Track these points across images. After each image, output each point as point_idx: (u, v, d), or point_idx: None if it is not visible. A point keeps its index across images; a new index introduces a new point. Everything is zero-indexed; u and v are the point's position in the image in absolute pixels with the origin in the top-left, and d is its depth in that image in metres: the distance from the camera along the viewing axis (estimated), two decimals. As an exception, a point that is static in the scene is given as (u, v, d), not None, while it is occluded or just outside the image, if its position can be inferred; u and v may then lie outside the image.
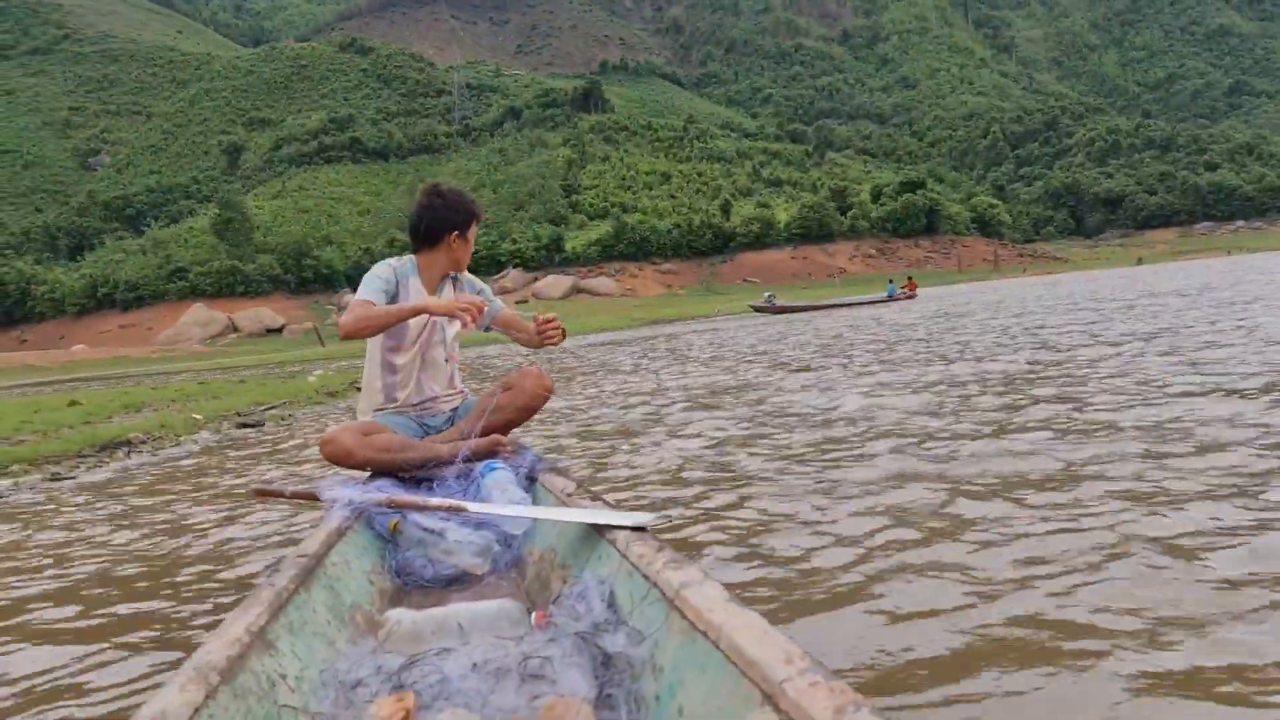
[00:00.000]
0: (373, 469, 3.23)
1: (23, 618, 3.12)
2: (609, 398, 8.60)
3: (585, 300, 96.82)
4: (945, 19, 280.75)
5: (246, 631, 1.53)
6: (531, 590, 2.40)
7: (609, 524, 2.08)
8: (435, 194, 3.59)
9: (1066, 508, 3.18)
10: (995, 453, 4.16)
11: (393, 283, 3.45)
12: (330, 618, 1.97)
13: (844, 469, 4.17)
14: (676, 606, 1.50)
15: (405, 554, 2.57)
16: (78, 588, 3.50)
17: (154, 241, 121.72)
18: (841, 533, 3.17)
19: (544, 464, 3.13)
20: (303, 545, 2.21)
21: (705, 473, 4.44)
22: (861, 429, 5.16)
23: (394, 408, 3.55)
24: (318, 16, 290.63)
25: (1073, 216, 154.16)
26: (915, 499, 3.51)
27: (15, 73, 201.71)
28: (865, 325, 18.56)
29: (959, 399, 6.00)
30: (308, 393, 13.20)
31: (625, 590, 1.81)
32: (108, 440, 8.12)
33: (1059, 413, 5.05)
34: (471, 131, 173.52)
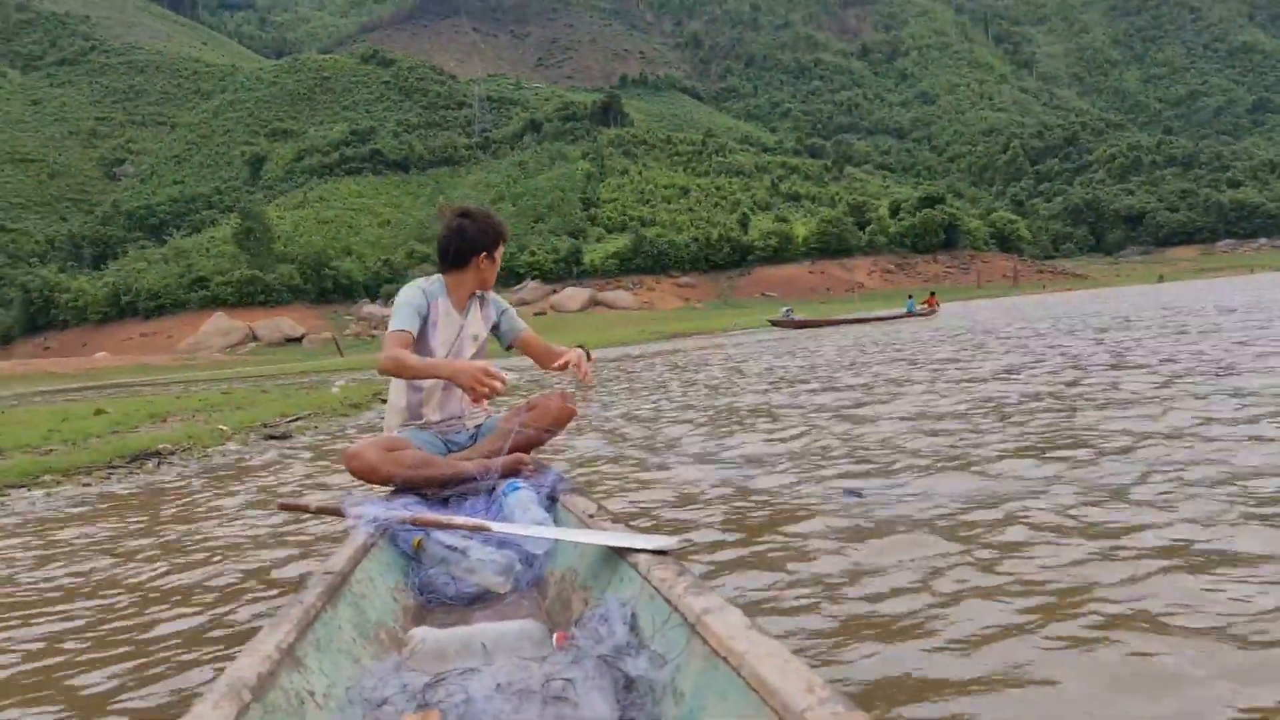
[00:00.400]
0: (396, 485, 3.26)
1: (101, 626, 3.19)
2: (634, 412, 8.64)
3: (603, 313, 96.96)
4: (965, 34, 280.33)
5: (277, 649, 1.55)
6: (553, 610, 2.40)
7: (630, 547, 2.09)
8: (463, 216, 3.64)
9: (1116, 537, 3.13)
10: (1049, 477, 4.14)
11: (424, 306, 3.52)
12: (356, 635, 1.99)
13: (876, 492, 4.19)
14: (698, 632, 1.51)
15: (428, 571, 2.57)
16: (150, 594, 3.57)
17: (176, 251, 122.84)
18: (868, 561, 3.14)
19: (566, 484, 3.15)
20: (329, 562, 2.22)
21: (728, 495, 4.47)
22: (895, 452, 5.17)
23: (418, 424, 3.60)
24: (341, 29, 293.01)
25: (1093, 233, 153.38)
26: (949, 525, 3.52)
27: (43, 83, 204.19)
28: (890, 341, 18.54)
29: (1005, 421, 6.01)
30: (332, 404, 13.31)
31: (647, 614, 1.81)
32: (137, 451, 8.24)
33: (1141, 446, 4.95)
34: (491, 144, 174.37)
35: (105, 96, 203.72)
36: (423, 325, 3.52)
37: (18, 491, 6.78)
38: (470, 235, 3.58)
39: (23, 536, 5.10)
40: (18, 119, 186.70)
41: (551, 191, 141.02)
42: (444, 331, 3.57)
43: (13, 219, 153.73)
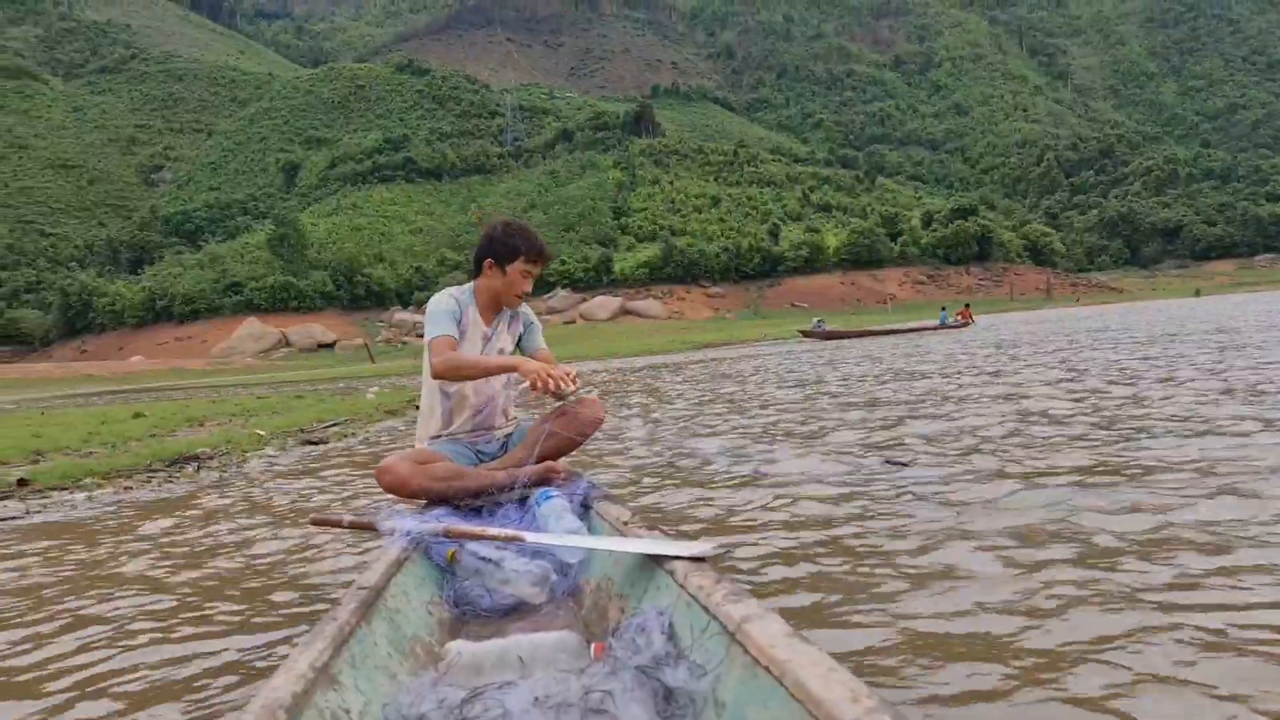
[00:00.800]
0: (429, 498, 3.26)
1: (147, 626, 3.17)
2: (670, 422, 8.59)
3: (633, 322, 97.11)
4: (1000, 46, 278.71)
5: (311, 668, 1.54)
6: (589, 620, 2.37)
7: (666, 554, 2.06)
8: (493, 224, 3.65)
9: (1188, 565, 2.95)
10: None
11: (458, 312, 3.53)
12: (391, 650, 1.97)
13: (921, 503, 4.11)
14: (738, 641, 1.48)
15: (463, 584, 2.56)
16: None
17: (211, 256, 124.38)
18: (914, 569, 3.07)
19: (598, 491, 3.14)
20: (363, 577, 2.20)
21: (768, 504, 4.41)
22: (945, 472, 5.07)
23: (449, 435, 3.62)
24: (376, 38, 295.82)
25: (1128, 246, 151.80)
26: (994, 539, 3.43)
27: (84, 91, 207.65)
28: (928, 354, 18.36)
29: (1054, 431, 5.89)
30: (367, 410, 13.36)
31: (685, 622, 1.78)
32: (175, 455, 8.29)
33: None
34: (523, 153, 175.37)
35: (144, 104, 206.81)
36: (459, 333, 3.52)
37: (59, 494, 6.83)
38: (485, 239, 3.59)
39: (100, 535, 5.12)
40: (59, 126, 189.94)
41: (582, 200, 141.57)
42: (470, 342, 3.57)
43: (53, 224, 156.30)
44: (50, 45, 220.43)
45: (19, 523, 5.77)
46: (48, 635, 3.13)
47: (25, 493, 6.87)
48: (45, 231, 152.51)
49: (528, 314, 3.79)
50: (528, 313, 3.80)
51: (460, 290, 3.62)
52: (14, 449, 9.56)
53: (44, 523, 5.72)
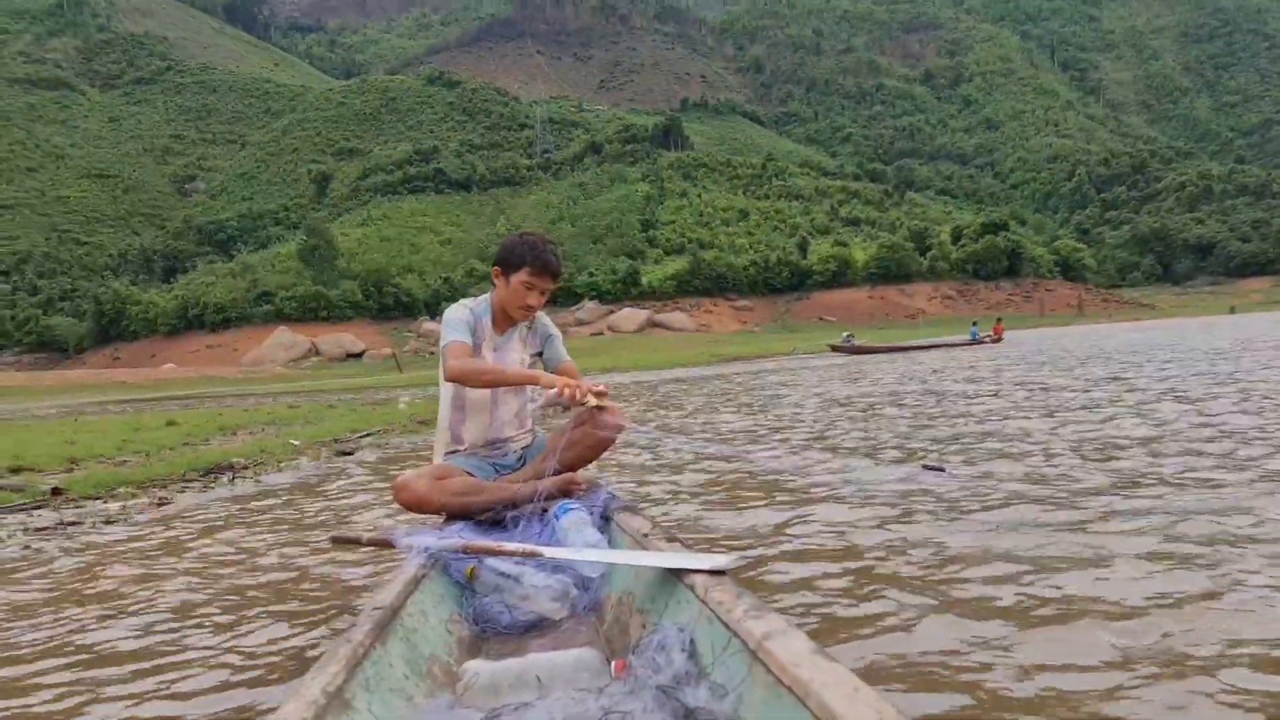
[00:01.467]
0: (447, 513, 3.25)
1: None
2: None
3: (660, 334, 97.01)
4: (1031, 60, 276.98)
5: (323, 692, 1.50)
6: (610, 635, 2.34)
7: (686, 568, 2.03)
8: (512, 234, 3.64)
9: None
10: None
11: (472, 322, 3.50)
12: (408, 671, 1.93)
13: (961, 522, 3.97)
14: (760, 659, 1.45)
15: (483, 600, 2.54)
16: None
17: (243, 266, 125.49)
18: (945, 589, 2.97)
19: (619, 502, 3.09)
20: (378, 596, 2.16)
21: (793, 517, 4.30)
22: (983, 487, 4.93)
23: (464, 450, 3.58)
24: (408, 51, 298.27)
25: (1160, 263, 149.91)
26: (1028, 561, 3.27)
27: (121, 101, 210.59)
28: (960, 370, 18.12)
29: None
30: (400, 420, 13.31)
31: (706, 639, 1.75)
32: (210, 465, 8.25)
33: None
34: (552, 165, 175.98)
35: (180, 115, 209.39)
36: (474, 342, 3.50)
37: (93, 503, 6.78)
38: (500, 248, 3.58)
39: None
40: (96, 135, 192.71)
41: (610, 213, 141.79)
42: (481, 353, 3.54)
43: (88, 233, 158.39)
44: (88, 57, 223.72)
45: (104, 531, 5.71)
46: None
47: (59, 502, 6.84)
48: (81, 240, 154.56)
49: (547, 326, 3.75)
50: (547, 325, 3.75)
51: (476, 301, 3.62)
52: (49, 456, 9.56)
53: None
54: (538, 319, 3.71)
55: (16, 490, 7.28)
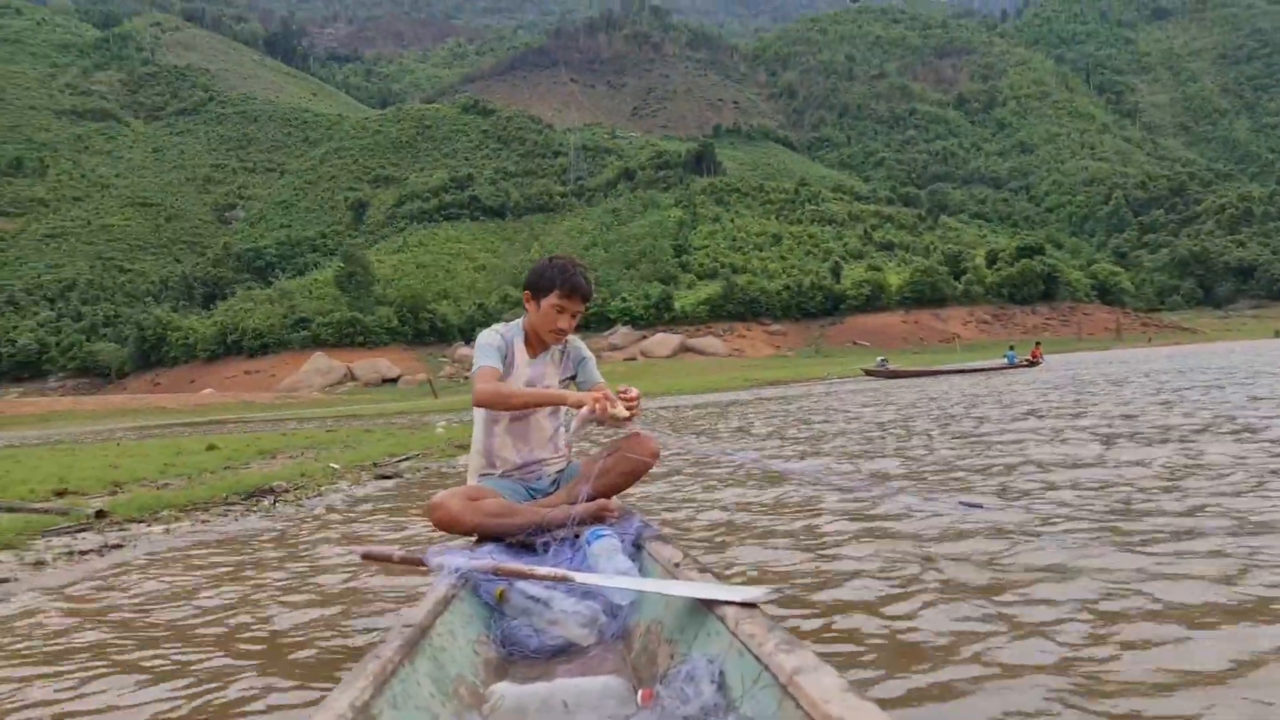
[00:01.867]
0: (479, 534, 3.27)
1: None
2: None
3: (693, 359, 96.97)
4: (1066, 84, 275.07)
5: (350, 708, 1.50)
6: (638, 664, 2.31)
7: (717, 599, 2.01)
8: (542, 258, 3.67)
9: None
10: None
11: (504, 347, 3.54)
12: (434, 690, 1.92)
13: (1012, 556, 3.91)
14: (790, 694, 1.43)
15: (511, 623, 2.53)
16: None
17: (281, 292, 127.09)
18: (987, 624, 2.89)
19: (651, 531, 3.09)
20: (408, 614, 2.17)
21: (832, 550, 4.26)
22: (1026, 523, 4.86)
23: (498, 472, 3.61)
24: (443, 79, 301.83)
25: (1201, 286, 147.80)
26: (1078, 597, 3.16)
27: (164, 132, 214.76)
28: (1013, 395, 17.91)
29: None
30: (437, 444, 13.39)
31: (735, 671, 1.73)
32: (251, 488, 8.34)
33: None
34: (585, 191, 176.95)
35: (221, 144, 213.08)
36: (504, 367, 3.53)
37: (137, 526, 6.88)
38: (530, 272, 3.62)
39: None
40: (140, 165, 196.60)
41: (643, 238, 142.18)
42: (514, 378, 3.56)
43: (131, 260, 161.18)
44: (133, 89, 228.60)
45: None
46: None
47: (103, 524, 6.93)
48: (124, 267, 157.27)
49: (579, 349, 3.77)
50: (580, 347, 3.78)
51: (508, 326, 3.66)
52: (94, 480, 9.72)
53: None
54: (570, 342, 3.72)
55: (61, 514, 7.40)
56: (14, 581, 5.06)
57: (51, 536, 6.55)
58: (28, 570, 5.40)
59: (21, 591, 4.76)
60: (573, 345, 3.74)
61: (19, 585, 4.96)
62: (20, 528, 6.53)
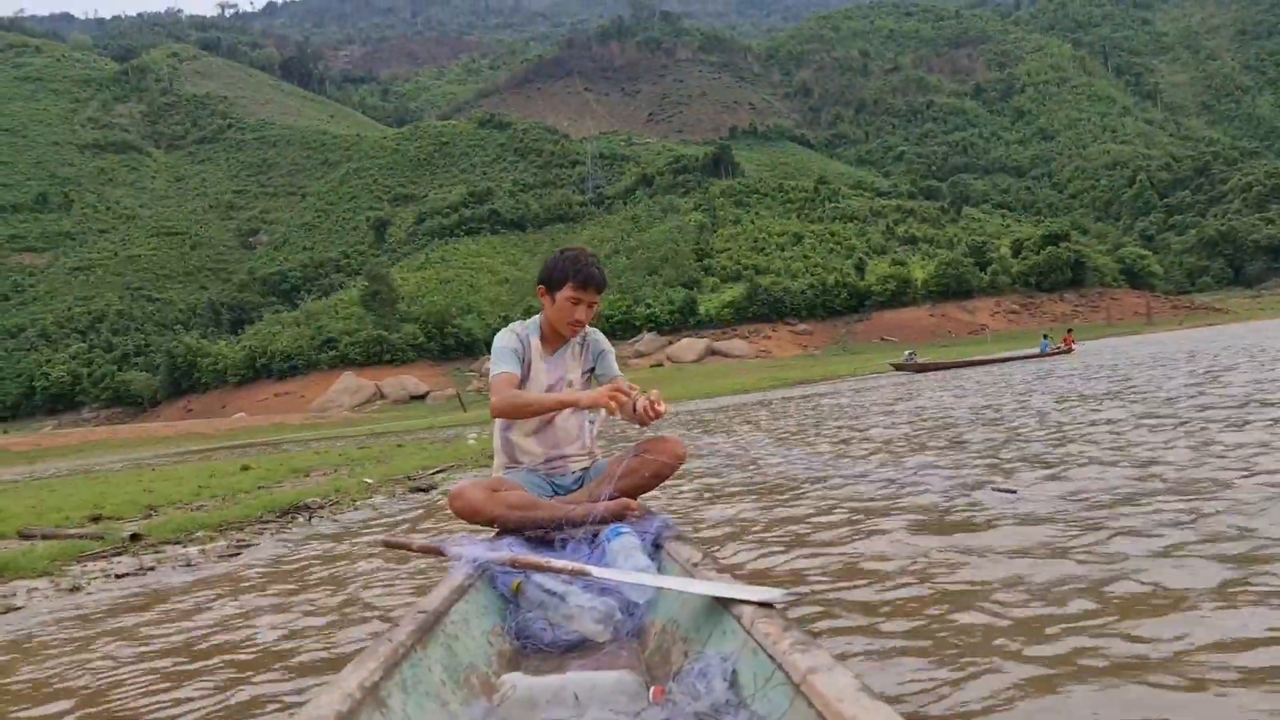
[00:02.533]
0: (500, 526, 3.26)
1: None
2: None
3: (720, 362, 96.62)
4: (1084, 68, 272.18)
5: (359, 687, 1.50)
6: (652, 662, 2.30)
7: (734, 598, 1.99)
8: (554, 253, 3.69)
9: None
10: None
11: (520, 347, 3.55)
12: (445, 677, 1.92)
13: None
14: (803, 693, 1.42)
15: (526, 615, 2.53)
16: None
17: (307, 314, 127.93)
18: (1013, 621, 2.76)
19: (671, 530, 3.07)
20: (423, 600, 2.16)
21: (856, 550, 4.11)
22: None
23: (523, 466, 3.63)
24: (458, 96, 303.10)
25: (1230, 265, 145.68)
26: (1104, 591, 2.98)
27: (185, 161, 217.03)
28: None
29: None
30: (469, 455, 13.29)
31: (749, 670, 1.72)
32: (285, 506, 8.24)
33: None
34: (605, 200, 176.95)
35: (241, 171, 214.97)
36: (522, 367, 3.55)
37: (172, 548, 6.79)
38: (542, 267, 3.63)
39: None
40: (163, 195, 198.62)
41: (665, 243, 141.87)
42: (533, 374, 3.58)
43: (158, 289, 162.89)
44: (153, 120, 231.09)
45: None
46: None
47: (138, 547, 6.85)
48: (152, 297, 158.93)
49: (599, 341, 3.78)
50: (599, 340, 3.78)
51: (524, 324, 3.67)
52: (128, 504, 9.67)
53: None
54: (590, 335, 3.74)
55: (96, 538, 7.34)
56: (20, 610, 4.97)
57: (87, 561, 6.47)
58: (61, 595, 5.31)
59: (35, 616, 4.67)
60: (592, 337, 3.75)
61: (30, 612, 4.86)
62: (56, 554, 6.47)
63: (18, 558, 6.11)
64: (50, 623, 4.63)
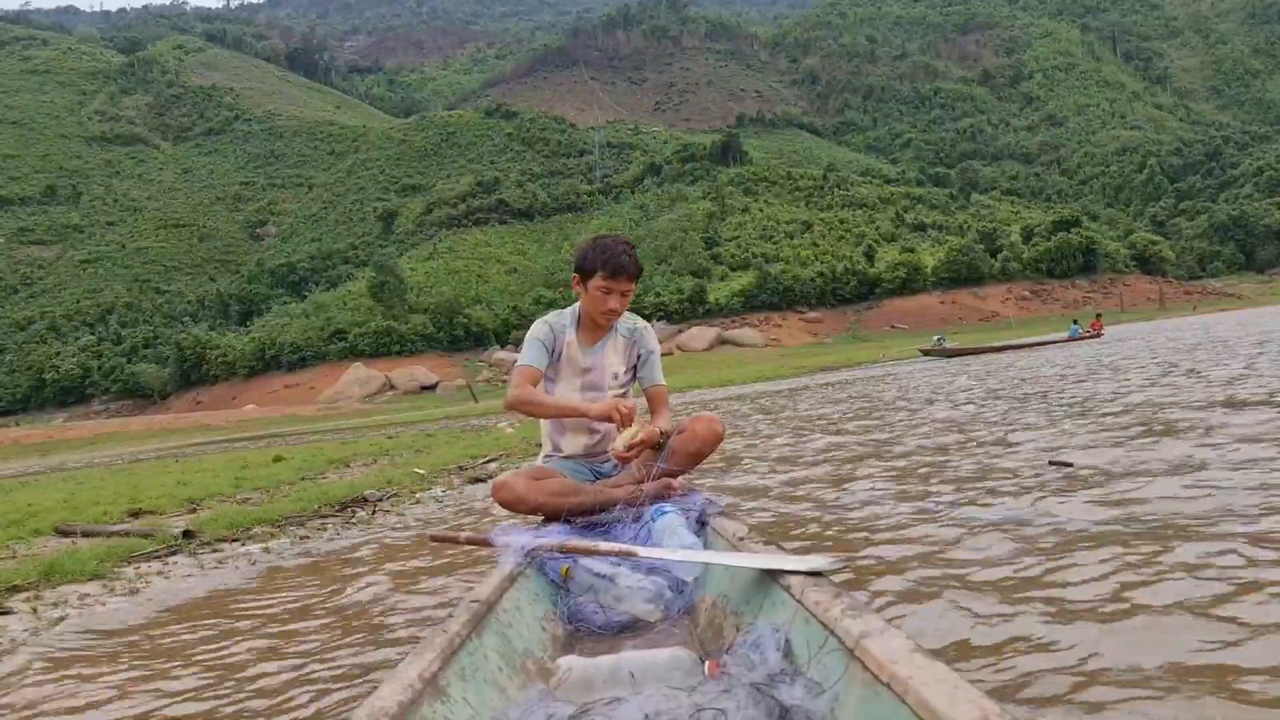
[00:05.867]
0: (545, 514, 3.27)
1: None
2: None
3: (730, 351, 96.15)
4: (1093, 53, 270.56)
5: (419, 678, 1.52)
6: (704, 638, 2.31)
7: (783, 569, 2.00)
8: (586, 239, 3.67)
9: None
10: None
11: (551, 339, 3.55)
12: (502, 664, 1.95)
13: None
14: (857, 657, 1.42)
15: (577, 600, 2.56)
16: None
17: (315, 305, 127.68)
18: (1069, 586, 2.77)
19: (715, 507, 3.08)
20: (475, 591, 2.19)
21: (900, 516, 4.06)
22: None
23: (562, 455, 3.63)
24: (465, 86, 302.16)
25: (1242, 250, 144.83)
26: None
27: (193, 153, 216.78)
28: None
29: None
30: (515, 445, 12.88)
31: (802, 639, 1.72)
32: (342, 498, 7.84)
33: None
34: (612, 189, 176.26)
35: (249, 162, 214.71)
36: (552, 360, 3.55)
37: (231, 545, 6.38)
38: (576, 253, 3.62)
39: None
40: (170, 187, 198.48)
41: (673, 232, 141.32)
42: (568, 366, 3.57)
43: (167, 281, 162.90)
44: (160, 112, 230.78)
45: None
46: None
47: (193, 545, 6.43)
48: (160, 289, 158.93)
49: (648, 341, 3.72)
50: (649, 340, 3.73)
51: (560, 314, 3.66)
52: (166, 498, 9.27)
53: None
54: (639, 331, 3.70)
55: (145, 535, 6.92)
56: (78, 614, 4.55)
57: (140, 562, 6.05)
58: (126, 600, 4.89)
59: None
60: (643, 334, 3.71)
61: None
62: (103, 554, 6.02)
63: (63, 559, 5.66)
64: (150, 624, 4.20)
